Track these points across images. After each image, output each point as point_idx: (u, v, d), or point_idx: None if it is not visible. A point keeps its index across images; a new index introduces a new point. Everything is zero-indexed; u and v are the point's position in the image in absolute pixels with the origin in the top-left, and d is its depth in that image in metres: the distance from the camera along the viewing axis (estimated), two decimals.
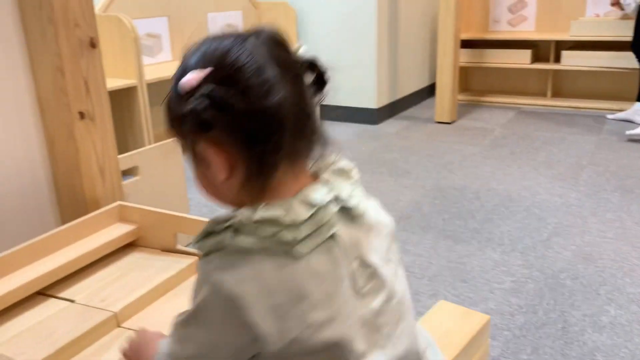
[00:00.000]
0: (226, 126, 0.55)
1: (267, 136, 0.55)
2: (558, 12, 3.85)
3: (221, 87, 0.54)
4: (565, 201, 2.22)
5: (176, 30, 3.03)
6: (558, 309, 1.51)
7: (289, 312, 0.53)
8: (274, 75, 0.55)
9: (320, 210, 0.56)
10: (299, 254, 0.54)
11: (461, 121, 3.52)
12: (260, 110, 0.54)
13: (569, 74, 3.87)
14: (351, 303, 0.57)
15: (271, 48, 0.57)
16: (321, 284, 0.55)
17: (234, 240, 0.55)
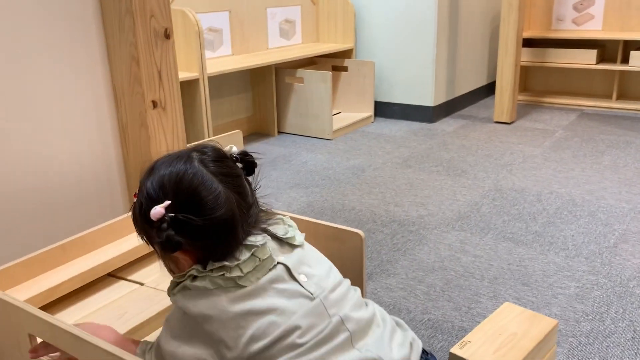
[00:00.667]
0: (190, 238, 0.73)
1: (224, 236, 0.74)
2: (627, 10, 3.69)
3: (182, 212, 0.72)
4: (633, 207, 2.13)
5: (236, 25, 3.08)
6: (627, 318, 1.45)
7: (240, 324, 0.71)
8: (219, 189, 0.73)
9: (258, 250, 0.76)
10: (245, 285, 0.73)
11: (521, 122, 3.42)
12: (214, 221, 0.73)
13: (637, 76, 3.71)
14: (298, 303, 0.75)
15: (213, 166, 0.75)
16: (266, 299, 0.74)
17: (193, 284, 0.73)
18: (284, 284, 0.75)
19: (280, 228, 0.82)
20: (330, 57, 3.51)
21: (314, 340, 0.73)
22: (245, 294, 0.72)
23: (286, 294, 0.75)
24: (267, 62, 2.98)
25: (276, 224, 0.83)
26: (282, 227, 0.83)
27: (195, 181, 0.73)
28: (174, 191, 0.73)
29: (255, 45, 3.22)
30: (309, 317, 0.74)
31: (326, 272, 0.82)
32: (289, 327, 0.72)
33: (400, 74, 3.48)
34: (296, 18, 3.45)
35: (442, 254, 1.82)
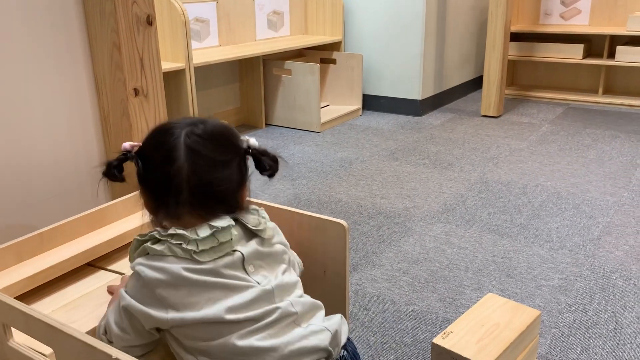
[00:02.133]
0: (141, 183, 0.83)
1: (162, 195, 0.80)
2: (614, 6, 3.71)
3: (138, 155, 0.82)
4: (617, 200, 2.14)
5: (223, 16, 3.05)
6: (609, 309, 1.46)
7: (191, 292, 0.77)
8: (174, 157, 0.79)
9: (219, 232, 0.79)
10: (199, 261, 0.78)
11: (508, 115, 3.43)
12: (154, 176, 0.81)
13: (623, 71, 3.73)
14: (244, 290, 0.79)
15: (191, 139, 0.80)
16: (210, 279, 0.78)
17: (152, 247, 0.79)
18: (234, 270, 0.80)
19: (251, 218, 0.85)
20: (319, 49, 3.50)
21: (263, 322, 0.78)
22: (197, 270, 0.78)
23: (234, 279, 0.80)
24: (254, 54, 2.95)
25: (251, 214, 0.86)
26: (255, 217, 0.86)
27: (164, 141, 0.81)
28: (146, 141, 0.84)
29: (242, 36, 3.19)
30: (257, 302, 0.79)
31: (278, 265, 0.86)
32: (236, 304, 0.77)
33: (388, 67, 3.47)
34: (284, 10, 3.42)
35: (427, 245, 1.82)
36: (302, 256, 1.11)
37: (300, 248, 1.10)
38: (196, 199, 0.80)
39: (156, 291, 0.77)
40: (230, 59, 2.81)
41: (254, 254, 0.83)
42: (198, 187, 0.80)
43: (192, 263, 0.78)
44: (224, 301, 0.78)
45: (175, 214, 0.81)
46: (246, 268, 0.82)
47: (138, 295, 0.79)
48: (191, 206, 0.80)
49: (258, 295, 0.80)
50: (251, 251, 0.83)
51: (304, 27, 3.59)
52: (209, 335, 0.77)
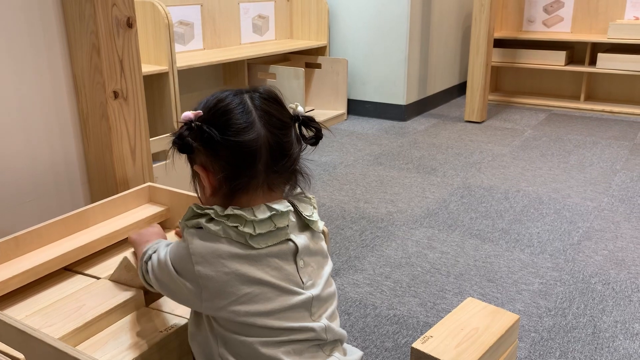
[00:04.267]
0: (208, 154, 0.76)
1: (240, 165, 0.75)
2: (596, 14, 3.76)
3: (205, 123, 0.75)
4: (597, 205, 2.17)
5: (208, 19, 3.04)
6: (588, 313, 1.47)
7: (229, 283, 0.74)
8: (251, 121, 0.75)
9: (278, 216, 0.76)
10: (254, 246, 0.74)
11: (491, 121, 3.46)
12: (234, 144, 0.74)
13: (604, 77, 3.78)
14: (286, 287, 0.77)
15: (258, 101, 0.77)
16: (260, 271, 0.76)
17: (207, 225, 0.75)
18: (284, 262, 0.77)
19: (307, 208, 0.82)
20: (304, 53, 3.50)
21: (292, 337, 0.75)
22: (248, 256, 0.74)
23: (281, 274, 0.76)
24: (239, 57, 2.95)
25: (305, 202, 0.83)
26: (310, 207, 0.83)
27: (232, 105, 0.76)
28: (209, 108, 0.78)
29: (227, 40, 3.19)
30: (295, 310, 0.76)
31: (323, 267, 0.83)
32: (270, 309, 0.75)
33: (373, 72, 3.49)
34: (270, 14, 3.42)
35: (409, 250, 1.82)
36: None
37: None
38: (274, 164, 0.76)
39: (196, 268, 0.74)
40: (214, 63, 2.80)
41: (305, 248, 0.80)
42: (276, 150, 0.76)
43: (245, 248, 0.74)
44: (261, 303, 0.75)
45: (246, 186, 0.76)
46: (297, 262, 0.78)
47: (178, 263, 0.77)
48: (266, 175, 0.76)
49: (297, 304, 0.77)
50: (304, 244, 0.79)
51: (289, 32, 3.59)
52: (233, 328, 0.75)
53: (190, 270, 0.75)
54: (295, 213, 0.80)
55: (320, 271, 0.82)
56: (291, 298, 0.76)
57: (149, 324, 0.90)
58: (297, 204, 0.81)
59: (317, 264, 0.82)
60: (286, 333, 0.75)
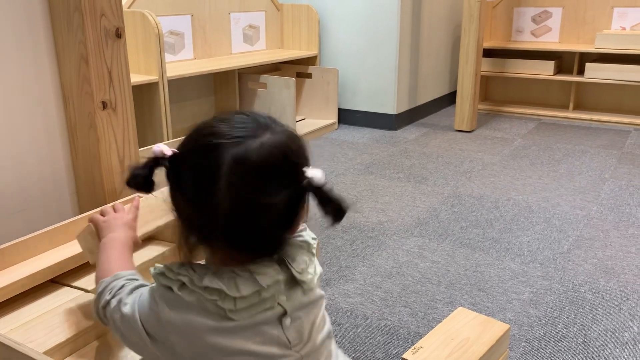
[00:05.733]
0: (172, 199, 0.68)
1: (199, 223, 0.66)
2: (583, 24, 3.81)
3: (171, 163, 0.66)
4: (586, 214, 2.18)
5: (198, 29, 3.04)
6: (578, 322, 1.47)
7: (207, 356, 0.66)
8: (217, 189, 0.62)
9: (264, 290, 0.66)
10: (234, 319, 0.65)
11: (481, 130, 3.48)
12: (193, 200, 0.65)
13: (592, 87, 3.82)
14: (270, 351, 0.68)
15: (239, 170, 0.62)
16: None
17: (179, 292, 0.65)
18: (268, 327, 0.68)
19: (301, 260, 0.71)
20: (295, 63, 3.51)
21: None
22: (227, 329, 0.65)
23: (265, 338, 0.67)
24: (229, 67, 2.95)
25: (300, 251, 0.72)
26: (304, 259, 0.71)
27: (202, 156, 0.64)
28: (184, 147, 0.67)
29: (218, 50, 3.19)
30: None
31: (313, 314, 0.73)
32: None
33: (363, 81, 3.50)
34: (260, 24, 3.43)
35: (400, 259, 1.82)
36: None
37: None
38: (231, 240, 0.66)
39: (170, 337, 0.66)
40: (205, 72, 2.80)
41: (296, 307, 0.70)
42: (235, 227, 0.64)
43: (223, 321, 0.65)
44: None
45: (209, 246, 0.69)
46: (283, 322, 0.68)
47: (150, 327, 0.68)
48: (225, 245, 0.67)
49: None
50: (295, 305, 0.70)
51: (280, 42, 3.60)
52: None
53: (163, 336, 0.67)
54: (284, 270, 0.69)
55: (309, 319, 0.72)
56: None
57: None
58: (289, 260, 0.69)
59: (307, 313, 0.72)
60: None
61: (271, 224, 0.65)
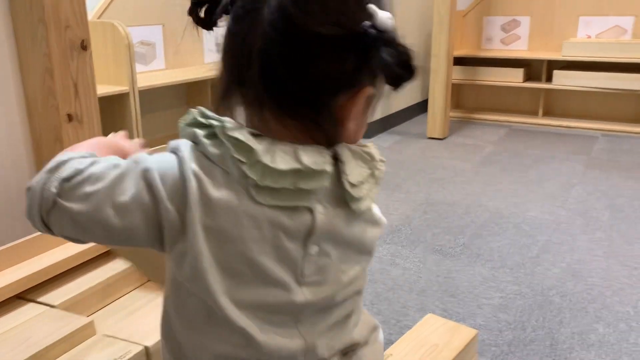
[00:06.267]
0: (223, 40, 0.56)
1: (235, 65, 0.54)
2: (550, 32, 3.89)
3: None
4: (555, 219, 2.22)
5: (170, 39, 3.03)
6: (547, 326, 1.50)
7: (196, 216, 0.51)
8: (255, 8, 0.51)
9: (304, 175, 0.51)
10: (256, 199, 0.51)
11: (453, 137, 3.53)
12: (226, 30, 0.54)
13: (560, 94, 3.90)
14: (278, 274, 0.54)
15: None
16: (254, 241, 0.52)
17: (204, 142, 0.52)
18: (287, 239, 0.53)
19: (356, 171, 0.55)
20: None
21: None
22: (245, 212, 0.51)
23: (277, 253, 0.53)
24: (202, 77, 2.94)
25: (361, 159, 0.56)
26: (361, 171, 0.56)
27: None
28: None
29: (190, 59, 3.18)
30: (269, 312, 0.55)
31: (351, 265, 0.59)
32: (239, 299, 0.53)
33: None
34: None
35: (372, 267, 1.83)
36: None
37: None
38: (268, 85, 0.51)
39: (190, 190, 0.51)
40: (177, 82, 2.79)
41: (328, 230, 0.55)
42: (271, 66, 0.50)
43: (243, 198, 0.51)
44: (230, 281, 0.53)
45: (250, 104, 0.53)
46: (307, 245, 0.54)
47: (164, 173, 0.52)
48: (261, 94, 0.52)
49: (276, 305, 0.55)
50: (326, 223, 0.54)
51: None
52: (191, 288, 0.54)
53: (176, 190, 0.51)
54: (335, 173, 0.53)
55: (342, 268, 0.57)
56: (271, 293, 0.54)
57: (101, 353, 0.88)
58: (344, 162, 0.54)
59: (342, 257, 0.57)
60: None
61: (319, 70, 0.50)
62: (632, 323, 1.51)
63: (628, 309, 1.58)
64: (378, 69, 0.51)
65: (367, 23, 0.50)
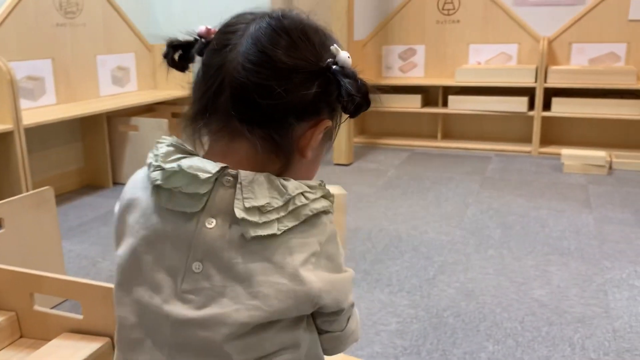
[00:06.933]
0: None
1: (204, 91, 0.61)
2: (444, 60, 4.11)
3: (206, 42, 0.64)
4: (451, 239, 2.31)
5: (61, 73, 2.90)
6: (440, 348, 1.54)
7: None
8: (229, 44, 0.60)
9: (197, 170, 0.58)
10: (157, 195, 0.60)
11: (358, 163, 3.61)
12: (205, 61, 0.62)
13: (456, 117, 4.11)
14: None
15: (259, 26, 0.60)
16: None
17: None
18: (175, 251, 0.58)
19: (260, 199, 0.57)
20: (171, 104, 3.44)
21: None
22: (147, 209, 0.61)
23: (153, 271, 0.59)
24: (97, 111, 2.83)
25: (274, 191, 0.59)
26: (270, 201, 0.58)
27: (230, 21, 0.63)
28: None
29: (84, 94, 3.06)
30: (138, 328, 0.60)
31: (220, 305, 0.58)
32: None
33: None
34: (130, 65, 3.35)
35: None
36: None
37: None
38: (238, 108, 0.58)
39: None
40: (68, 118, 2.67)
41: (216, 249, 0.57)
42: (244, 91, 0.58)
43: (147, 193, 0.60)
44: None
45: (211, 131, 0.61)
46: (192, 267, 0.57)
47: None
48: (225, 120, 0.60)
49: (142, 317, 0.60)
50: (215, 240, 0.57)
51: (153, 82, 3.53)
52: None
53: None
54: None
55: (232, 291, 0.57)
56: (137, 305, 0.61)
57: None
58: (244, 185, 0.57)
59: (230, 292, 0.57)
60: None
61: (288, 94, 0.57)
62: (518, 338, 1.59)
63: (516, 325, 1.66)
64: (341, 98, 0.59)
65: (331, 60, 0.60)
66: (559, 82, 3.65)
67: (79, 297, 1.05)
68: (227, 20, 0.63)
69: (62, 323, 1.08)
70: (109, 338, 1.02)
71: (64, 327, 1.08)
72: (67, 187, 2.99)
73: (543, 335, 1.59)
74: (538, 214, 2.59)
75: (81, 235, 2.34)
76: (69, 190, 3.00)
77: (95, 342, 1.02)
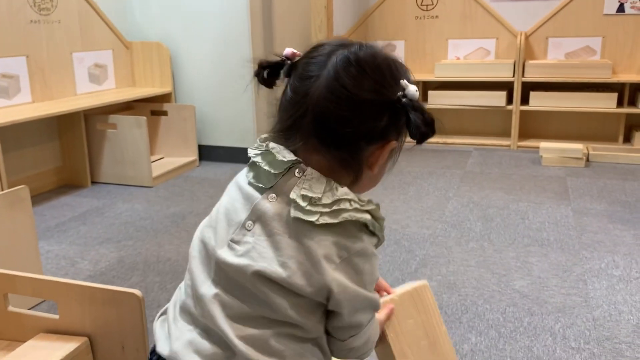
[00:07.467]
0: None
1: (291, 112, 0.74)
2: (424, 55, 4.13)
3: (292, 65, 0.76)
4: (432, 232, 2.32)
5: (36, 71, 2.85)
6: None
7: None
8: (314, 75, 0.72)
9: (266, 157, 0.77)
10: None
11: None
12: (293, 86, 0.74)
13: (436, 112, 4.06)
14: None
15: (339, 59, 0.71)
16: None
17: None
18: (241, 200, 0.76)
19: (316, 192, 0.71)
20: (148, 101, 3.41)
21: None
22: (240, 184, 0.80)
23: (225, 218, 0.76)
24: (74, 109, 2.79)
25: (329, 192, 0.72)
26: (322, 197, 0.71)
27: (313, 53, 0.74)
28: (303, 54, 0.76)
29: (60, 92, 3.00)
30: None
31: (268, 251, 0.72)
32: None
33: (221, 116, 3.49)
34: (108, 62, 3.30)
35: None
36: (98, 333, 1.02)
37: (96, 323, 1.02)
38: (318, 130, 0.71)
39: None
40: (44, 116, 2.62)
41: (267, 217, 0.72)
42: (324, 117, 0.71)
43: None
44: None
45: (291, 138, 0.74)
46: (245, 224, 0.73)
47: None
48: (306, 137, 0.72)
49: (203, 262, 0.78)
50: (270, 210, 0.72)
51: (131, 80, 3.48)
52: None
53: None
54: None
55: (273, 246, 0.72)
56: (201, 253, 0.80)
57: None
58: (308, 178, 0.72)
59: (271, 244, 0.71)
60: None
61: (362, 123, 0.70)
62: (501, 329, 1.60)
63: (498, 316, 1.67)
64: (409, 128, 0.72)
65: (400, 93, 0.71)
66: (537, 76, 3.69)
67: (54, 297, 1.03)
68: (309, 51, 0.75)
69: (38, 323, 1.06)
70: (86, 337, 1.00)
71: (40, 327, 1.05)
72: (45, 186, 2.94)
73: (525, 326, 1.61)
74: (518, 207, 2.61)
75: (59, 235, 2.30)
76: (47, 190, 2.95)
77: (71, 342, 1.00)
